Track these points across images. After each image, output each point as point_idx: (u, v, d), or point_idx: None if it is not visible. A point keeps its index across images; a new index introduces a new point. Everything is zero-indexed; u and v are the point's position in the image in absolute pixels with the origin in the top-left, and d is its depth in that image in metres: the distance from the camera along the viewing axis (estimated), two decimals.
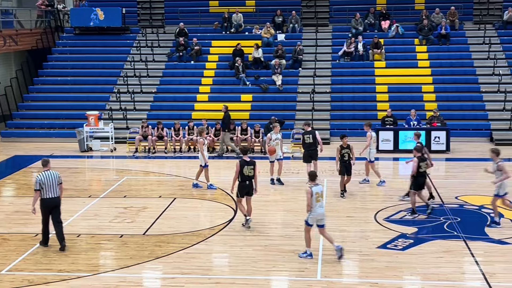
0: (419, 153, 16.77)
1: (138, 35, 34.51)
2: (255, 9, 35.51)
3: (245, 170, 15.47)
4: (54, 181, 14.26)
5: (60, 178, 14.49)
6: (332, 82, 30.74)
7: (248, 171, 15.49)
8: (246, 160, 15.65)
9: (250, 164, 15.55)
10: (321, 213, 13.54)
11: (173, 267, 13.38)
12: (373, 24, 33.63)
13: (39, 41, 34.20)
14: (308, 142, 20.10)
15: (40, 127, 29.60)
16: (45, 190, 14.19)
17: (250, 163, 15.59)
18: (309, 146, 20.13)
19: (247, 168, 15.47)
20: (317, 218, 13.54)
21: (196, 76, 31.65)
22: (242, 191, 15.67)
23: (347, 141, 18.62)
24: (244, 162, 15.57)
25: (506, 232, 15.37)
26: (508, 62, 30.88)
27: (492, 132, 27.16)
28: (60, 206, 14.52)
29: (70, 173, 22.34)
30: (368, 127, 20.31)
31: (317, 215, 13.49)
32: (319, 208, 13.48)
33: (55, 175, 14.35)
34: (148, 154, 25.35)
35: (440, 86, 29.82)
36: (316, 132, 20.44)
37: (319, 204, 13.46)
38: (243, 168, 15.46)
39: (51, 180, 14.24)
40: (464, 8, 34.30)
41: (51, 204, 14.30)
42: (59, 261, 13.71)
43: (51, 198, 14.25)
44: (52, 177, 14.29)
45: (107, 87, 31.33)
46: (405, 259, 13.69)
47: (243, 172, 15.48)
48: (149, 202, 18.32)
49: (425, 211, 16.71)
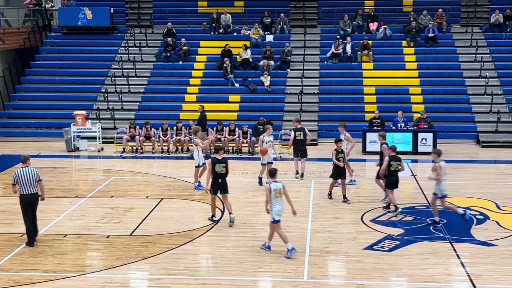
0: (393, 152, 16.97)
1: (126, 35, 34.44)
2: (243, 10, 35.53)
3: (217, 167, 15.78)
4: (32, 177, 14.48)
5: (39, 175, 14.70)
6: (320, 84, 30.81)
7: (220, 168, 15.80)
8: (218, 158, 15.92)
9: (222, 162, 15.85)
10: (280, 210, 13.88)
11: (160, 267, 13.37)
12: (361, 25, 33.73)
13: (26, 40, 34.04)
14: (299, 139, 20.86)
15: (27, 126, 29.49)
16: (22, 186, 14.42)
17: (222, 161, 15.87)
18: (299, 143, 20.89)
19: (219, 166, 15.79)
20: (279, 213, 13.94)
21: (184, 76, 31.62)
22: (215, 189, 15.98)
23: (341, 145, 18.48)
24: (215, 160, 15.85)
25: (492, 234, 15.46)
26: (494, 65, 31.07)
27: (479, 134, 27.32)
28: (37, 203, 14.75)
29: (57, 173, 22.26)
30: (343, 128, 20.46)
31: (277, 211, 13.85)
32: (278, 205, 13.83)
33: (33, 171, 14.57)
34: (136, 154, 25.30)
35: (427, 88, 29.96)
36: (306, 128, 21.30)
37: (278, 200, 13.80)
38: (214, 166, 15.77)
39: (29, 176, 14.45)
40: (452, 11, 34.49)
41: (30, 200, 14.55)
42: (45, 262, 13.66)
43: (29, 194, 14.50)
44: (30, 174, 14.50)
45: (95, 87, 31.24)
46: (391, 261, 13.74)
47: (215, 169, 15.77)
48: (136, 203, 18.28)
49: (405, 213, 16.79)
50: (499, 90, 29.65)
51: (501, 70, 30.82)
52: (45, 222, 16.37)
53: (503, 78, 30.37)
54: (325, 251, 14.28)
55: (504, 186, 20.33)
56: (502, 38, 32.71)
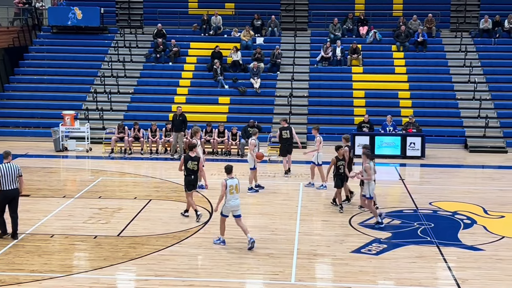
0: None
1: (116, 35, 34.35)
2: (234, 12, 35.54)
3: (189, 164, 16.46)
4: (14, 173, 14.65)
5: (20, 170, 14.87)
6: (309, 87, 30.85)
7: (192, 165, 16.48)
8: (191, 155, 16.61)
9: (194, 160, 16.55)
10: (236, 205, 14.51)
11: (147, 269, 13.34)
12: (351, 29, 33.82)
13: (15, 39, 33.89)
14: (285, 137, 21.82)
15: (15, 125, 29.35)
16: (3, 181, 14.53)
17: (194, 158, 16.60)
18: (286, 141, 21.86)
19: (191, 163, 16.47)
20: (232, 209, 14.54)
21: (174, 77, 31.59)
22: (189, 185, 16.59)
23: (343, 152, 17.94)
24: (188, 157, 16.59)
25: (479, 238, 15.54)
26: (483, 70, 31.24)
27: (467, 139, 27.44)
28: (18, 198, 14.91)
29: (45, 172, 22.17)
30: (316, 131, 20.68)
31: (231, 207, 14.48)
32: (234, 200, 14.44)
33: (15, 167, 14.75)
34: (124, 155, 25.23)
35: (416, 93, 30.07)
36: (292, 128, 22.30)
37: (234, 196, 14.43)
38: (187, 163, 16.45)
39: (10, 172, 14.61)
40: (441, 16, 34.63)
41: (10, 195, 14.69)
42: (31, 261, 13.60)
43: (9, 189, 14.65)
44: (12, 169, 14.66)
45: (84, 87, 31.15)
46: (378, 264, 13.78)
47: (188, 166, 16.46)
48: (124, 203, 18.23)
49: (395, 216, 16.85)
50: (487, 95, 29.82)
51: (490, 75, 30.99)
52: (32, 222, 16.33)
53: (491, 83, 30.54)
54: (313, 254, 14.30)
55: (492, 191, 20.42)
56: (491, 44, 32.89)
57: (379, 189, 20.50)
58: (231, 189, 14.37)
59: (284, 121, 22.30)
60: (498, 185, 21.28)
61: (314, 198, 18.90)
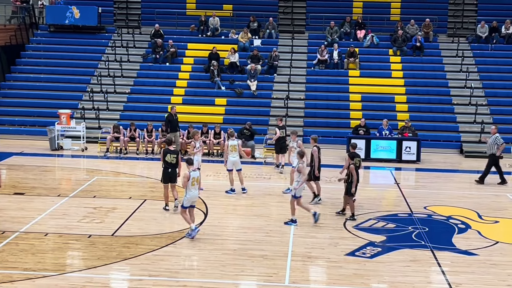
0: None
1: (113, 35, 34.34)
2: (232, 14, 35.56)
3: (168, 157, 17.28)
4: None
5: None
6: (306, 89, 30.89)
7: (171, 158, 17.30)
8: (170, 149, 17.58)
9: (174, 153, 17.48)
10: (195, 195, 15.30)
11: (141, 269, 13.31)
12: (348, 33, 33.87)
13: (12, 37, 33.84)
14: (281, 136, 23.13)
15: (11, 123, 29.30)
16: None
17: (174, 152, 17.60)
18: (280, 139, 23.09)
19: (170, 156, 17.31)
20: (191, 200, 15.21)
21: (170, 78, 31.58)
22: (165, 178, 17.38)
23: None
24: (167, 151, 17.45)
25: (473, 243, 15.55)
26: (480, 76, 31.32)
27: (462, 144, 27.49)
28: None
29: (40, 171, 22.13)
30: (294, 136, 20.85)
31: (191, 197, 15.17)
32: (194, 191, 15.19)
33: None
34: (120, 155, 25.20)
35: (413, 97, 30.12)
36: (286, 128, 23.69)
37: (194, 187, 15.16)
38: (165, 156, 17.33)
39: None
40: (439, 21, 34.73)
41: None
42: (25, 260, 13.56)
43: None
44: None
45: (81, 86, 31.12)
46: (372, 267, 13.78)
47: (166, 159, 17.28)
48: (119, 203, 18.20)
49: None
50: (483, 100, 29.88)
51: (486, 81, 31.07)
52: (26, 220, 16.28)
53: (487, 89, 30.61)
54: (307, 256, 14.29)
55: (486, 196, 20.45)
56: (487, 50, 32.98)
57: (374, 193, 20.63)
58: (193, 181, 15.13)
59: (280, 120, 23.89)
60: (493, 191, 21.31)
61: (309, 200, 18.86)
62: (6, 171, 22.51)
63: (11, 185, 20.22)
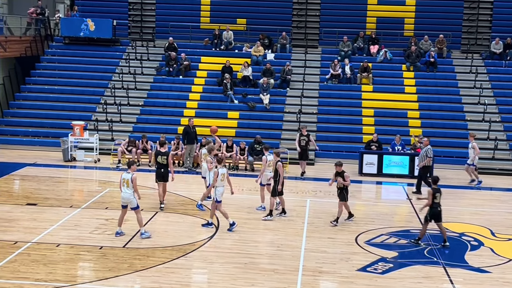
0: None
1: (127, 48, 34.54)
2: (245, 28, 35.69)
3: (159, 158, 18.94)
4: None
5: None
6: (319, 104, 30.88)
7: (161, 159, 18.89)
8: (161, 151, 19.05)
9: (164, 154, 18.96)
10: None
11: (152, 281, 13.31)
12: (362, 48, 33.89)
13: (28, 48, 34.11)
14: (303, 145, 24.53)
15: (24, 134, 29.45)
16: None
17: (164, 153, 19.01)
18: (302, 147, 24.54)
19: (160, 158, 18.91)
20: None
21: (184, 91, 31.67)
22: (158, 177, 19.01)
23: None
24: (158, 152, 19.04)
25: (486, 260, 15.45)
26: (493, 92, 31.19)
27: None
28: None
29: (53, 182, 22.22)
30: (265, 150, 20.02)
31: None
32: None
33: None
34: None
35: (426, 113, 30.03)
36: (311, 135, 24.96)
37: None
38: (157, 157, 19.04)
39: None
40: (453, 37, 34.66)
41: None
42: (36, 270, 13.60)
43: None
44: None
45: (94, 98, 31.27)
46: (384, 283, 13.71)
47: (157, 160, 18.99)
48: (131, 215, 18.16)
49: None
50: (497, 117, 29.75)
51: (500, 97, 30.94)
52: (38, 231, 16.35)
53: (501, 105, 30.47)
54: (318, 271, 14.24)
55: (499, 213, 20.33)
56: (501, 66, 32.86)
57: (386, 208, 20.56)
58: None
59: (304, 129, 24.98)
60: (506, 208, 21.18)
61: (320, 215, 18.85)
62: (20, 181, 22.64)
63: (24, 195, 20.34)
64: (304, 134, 24.61)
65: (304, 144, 24.57)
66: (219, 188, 17.06)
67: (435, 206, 16.25)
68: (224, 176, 17.20)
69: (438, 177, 16.91)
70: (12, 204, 19.10)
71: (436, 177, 16.85)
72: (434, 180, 16.74)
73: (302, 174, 24.47)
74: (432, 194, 16.22)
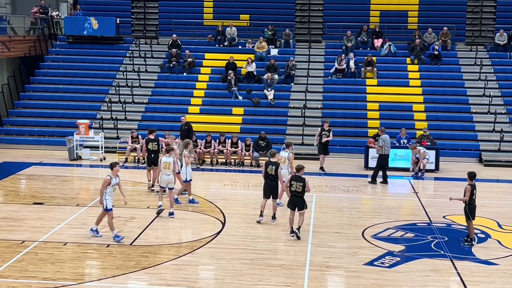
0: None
1: (131, 45, 34.54)
2: (249, 23, 35.65)
3: (150, 145, 20.50)
4: None
5: None
6: (323, 98, 30.84)
7: (152, 146, 20.50)
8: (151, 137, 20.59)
9: (154, 141, 20.57)
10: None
11: (159, 278, 13.33)
12: (365, 42, 33.81)
13: (32, 48, 34.17)
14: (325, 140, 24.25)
15: (30, 134, 29.51)
16: None
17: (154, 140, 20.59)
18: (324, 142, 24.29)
19: (151, 144, 20.51)
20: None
21: (188, 88, 31.67)
22: (149, 162, 20.60)
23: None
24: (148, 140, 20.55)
25: (493, 252, 15.42)
26: (498, 84, 31.11)
27: (481, 153, 27.28)
28: None
29: (59, 181, 22.25)
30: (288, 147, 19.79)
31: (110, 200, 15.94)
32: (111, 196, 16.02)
33: None
34: (138, 165, 25.28)
35: (431, 106, 29.97)
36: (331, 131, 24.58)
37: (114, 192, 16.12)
38: (148, 144, 20.59)
39: None
40: (457, 29, 34.56)
41: None
42: (44, 269, 13.63)
43: None
44: None
45: (99, 96, 31.30)
46: (391, 277, 13.69)
47: (148, 147, 20.61)
48: (137, 213, 18.25)
49: None
50: (502, 109, 29.67)
51: (505, 89, 30.84)
52: (45, 229, 16.38)
53: (506, 97, 30.38)
54: (325, 266, 14.24)
55: (506, 206, 20.28)
56: (506, 58, 32.76)
57: (393, 202, 20.55)
58: (114, 188, 15.99)
59: (327, 123, 24.61)
60: None
61: (327, 209, 18.83)
62: (26, 181, 22.69)
63: (30, 195, 20.38)
64: (326, 129, 24.35)
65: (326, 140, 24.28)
66: (163, 175, 17.95)
67: (472, 203, 15.98)
68: (167, 164, 17.81)
69: (475, 172, 16.43)
70: (19, 203, 19.14)
71: (473, 173, 16.35)
72: (471, 175, 16.25)
73: (322, 169, 24.16)
74: (470, 191, 15.92)
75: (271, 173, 17.16)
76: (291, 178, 16.05)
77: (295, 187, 15.77)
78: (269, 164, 17.26)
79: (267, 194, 17.34)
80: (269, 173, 17.18)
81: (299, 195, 15.79)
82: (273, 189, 17.28)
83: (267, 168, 17.24)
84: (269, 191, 17.29)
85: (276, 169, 17.10)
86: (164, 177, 17.87)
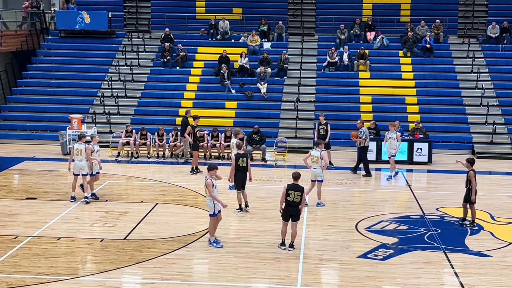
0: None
1: (123, 39, 34.46)
2: (241, 17, 35.61)
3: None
4: None
5: None
6: (316, 92, 30.86)
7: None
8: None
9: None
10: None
11: (153, 272, 13.34)
12: (358, 35, 33.82)
13: (24, 42, 34.03)
14: (322, 134, 23.78)
15: (22, 129, 29.43)
16: None
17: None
18: (322, 138, 23.33)
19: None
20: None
21: (181, 82, 31.63)
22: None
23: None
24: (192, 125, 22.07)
25: (486, 244, 15.49)
26: (491, 76, 31.19)
27: (474, 145, 27.37)
28: None
29: (52, 176, 22.22)
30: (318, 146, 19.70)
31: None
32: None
33: None
34: (131, 159, 25.26)
35: (424, 98, 30.04)
36: (329, 124, 24.09)
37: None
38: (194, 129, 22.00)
39: None
40: (449, 22, 34.62)
41: None
42: (38, 264, 13.62)
43: None
44: None
45: (91, 91, 31.22)
46: (385, 269, 13.75)
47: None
48: (131, 207, 18.25)
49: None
50: (495, 101, 29.76)
51: (497, 81, 30.94)
52: (39, 224, 16.36)
53: (499, 89, 30.48)
54: (319, 259, 14.28)
55: (499, 197, 20.36)
56: (498, 50, 32.86)
57: (386, 195, 20.60)
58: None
59: (323, 117, 24.22)
60: (505, 192, 21.23)
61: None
62: (19, 175, 22.64)
63: (23, 189, 20.34)
64: (322, 122, 24.04)
65: (324, 133, 23.86)
66: (76, 162, 18.71)
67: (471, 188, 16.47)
68: (79, 151, 18.54)
69: (474, 158, 16.92)
70: (12, 198, 19.11)
71: (474, 159, 16.80)
72: (472, 161, 16.63)
73: (330, 163, 23.31)
74: (474, 176, 16.37)
75: (242, 165, 17.65)
76: (288, 187, 14.59)
77: (292, 196, 14.45)
78: (239, 156, 17.70)
79: (241, 186, 17.77)
80: (240, 166, 17.64)
81: (295, 205, 14.57)
82: (244, 180, 17.80)
83: (237, 160, 17.65)
84: (240, 182, 17.72)
85: (247, 161, 17.70)
86: (77, 163, 18.56)
